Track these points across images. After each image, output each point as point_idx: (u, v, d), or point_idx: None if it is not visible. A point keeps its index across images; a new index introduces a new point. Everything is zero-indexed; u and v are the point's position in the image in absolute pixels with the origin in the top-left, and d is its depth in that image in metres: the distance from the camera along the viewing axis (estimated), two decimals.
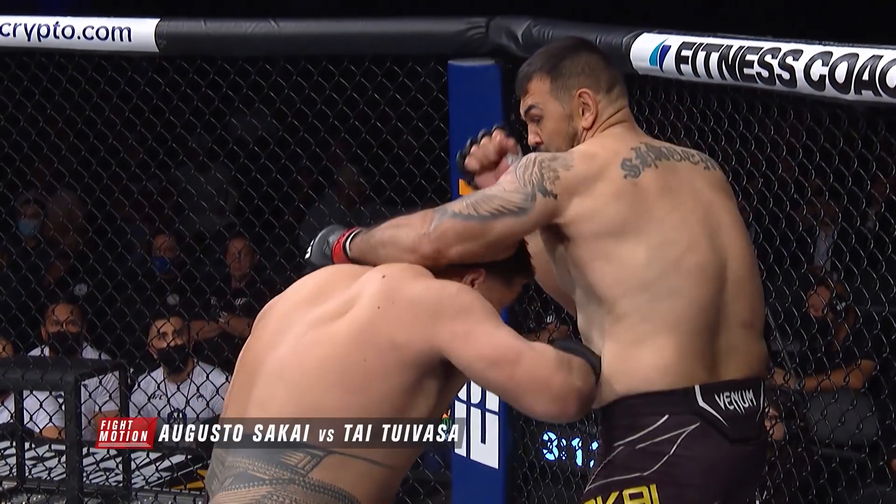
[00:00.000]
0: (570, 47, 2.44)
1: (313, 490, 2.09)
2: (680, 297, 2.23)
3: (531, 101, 2.41)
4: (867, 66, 2.40)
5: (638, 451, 2.22)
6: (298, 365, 2.14)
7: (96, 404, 4.70)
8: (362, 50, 3.80)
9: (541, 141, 2.41)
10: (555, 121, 2.39)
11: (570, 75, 2.39)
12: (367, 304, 2.16)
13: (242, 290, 5.51)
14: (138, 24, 3.90)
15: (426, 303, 2.15)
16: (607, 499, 2.23)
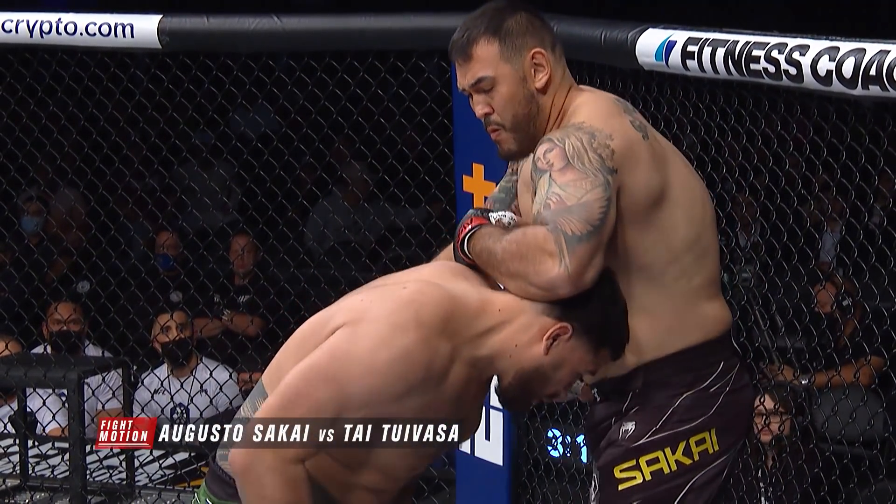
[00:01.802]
0: (506, 6, 2.30)
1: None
2: (711, 251, 2.31)
3: (480, 70, 2.25)
4: (874, 61, 2.37)
5: (698, 399, 2.28)
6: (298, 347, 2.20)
7: (99, 402, 4.69)
8: (366, 46, 3.78)
9: (491, 111, 2.27)
10: (509, 85, 2.26)
11: (517, 34, 2.26)
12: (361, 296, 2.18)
13: (246, 287, 5.50)
14: (141, 21, 3.88)
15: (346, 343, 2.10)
16: (676, 449, 2.27)
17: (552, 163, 2.17)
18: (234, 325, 5.45)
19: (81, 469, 4.03)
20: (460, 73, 2.27)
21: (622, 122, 2.22)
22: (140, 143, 4.66)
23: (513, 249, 2.14)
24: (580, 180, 2.14)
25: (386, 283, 2.24)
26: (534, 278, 2.12)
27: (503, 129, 2.27)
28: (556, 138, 2.19)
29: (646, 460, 2.27)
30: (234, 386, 4.84)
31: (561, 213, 2.13)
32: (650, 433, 2.27)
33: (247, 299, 5.44)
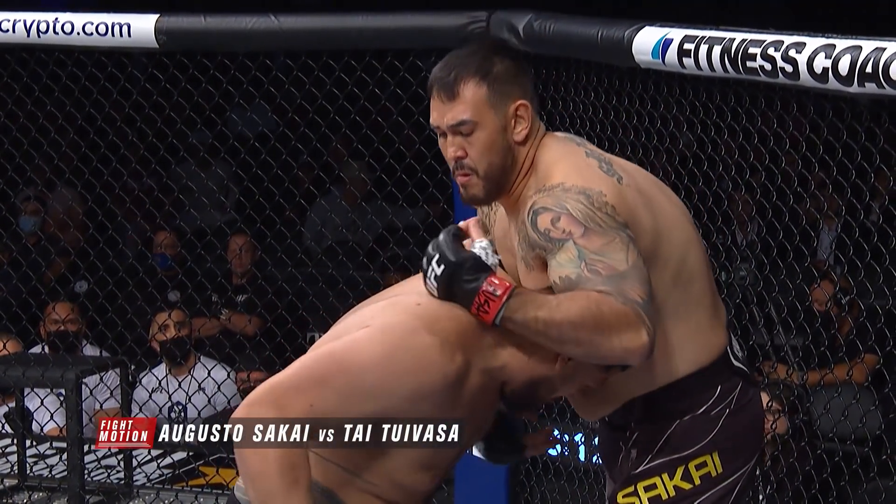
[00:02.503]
0: (494, 50, 2.26)
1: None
2: (698, 275, 2.26)
3: (464, 112, 2.19)
4: (870, 58, 2.38)
5: (696, 424, 2.27)
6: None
7: (97, 402, 4.69)
8: (363, 45, 3.79)
9: (465, 155, 2.21)
10: (490, 133, 2.20)
11: (504, 81, 2.20)
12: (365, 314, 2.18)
13: (244, 287, 5.50)
14: (138, 20, 3.89)
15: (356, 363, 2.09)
16: (674, 475, 2.26)
17: (569, 230, 2.13)
18: (232, 324, 5.45)
19: (79, 469, 4.03)
20: (440, 110, 2.21)
21: (598, 174, 2.20)
22: (137, 143, 4.65)
23: (587, 322, 2.08)
24: (611, 243, 2.12)
25: (397, 294, 2.23)
26: (618, 349, 2.09)
27: (475, 174, 2.22)
28: (552, 205, 2.15)
29: (643, 486, 2.27)
30: (233, 385, 4.84)
31: (618, 279, 2.10)
32: (647, 460, 2.27)
33: (245, 299, 5.44)
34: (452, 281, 2.12)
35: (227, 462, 4.38)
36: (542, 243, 2.16)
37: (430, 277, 2.14)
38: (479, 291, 2.10)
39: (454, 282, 2.12)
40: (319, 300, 4.67)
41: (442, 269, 2.12)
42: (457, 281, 2.12)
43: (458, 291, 2.12)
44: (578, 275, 2.11)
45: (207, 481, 4.31)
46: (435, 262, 2.13)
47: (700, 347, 2.27)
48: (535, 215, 2.17)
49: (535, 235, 2.16)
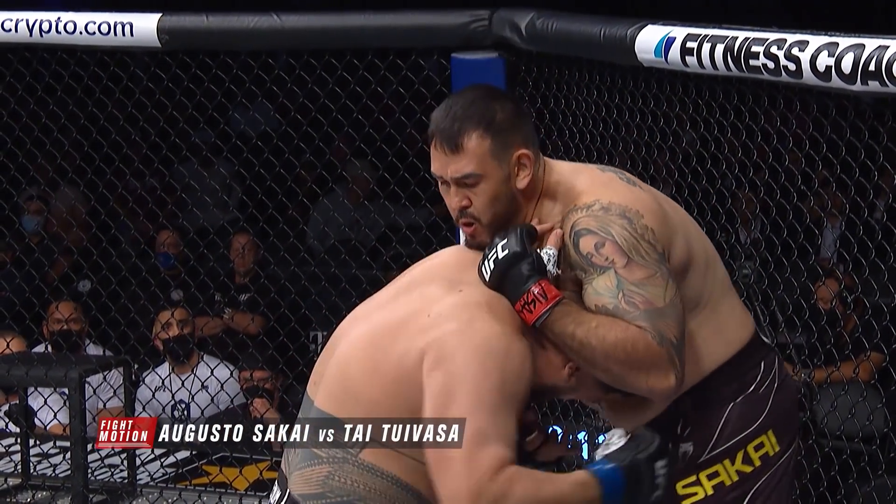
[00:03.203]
0: (494, 95, 2.24)
1: (367, 471, 2.08)
2: (713, 259, 2.32)
3: (468, 166, 2.18)
4: (873, 56, 2.37)
5: (748, 405, 2.29)
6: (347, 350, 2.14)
7: (100, 401, 4.69)
8: (365, 43, 3.78)
9: (469, 204, 2.21)
10: (494, 184, 2.20)
11: (506, 130, 2.19)
12: (420, 305, 2.11)
13: (246, 286, 5.50)
14: (140, 19, 3.89)
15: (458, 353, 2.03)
16: (735, 459, 2.28)
17: (612, 259, 2.16)
18: (235, 323, 5.45)
19: (83, 468, 4.03)
20: (442, 161, 2.20)
21: (626, 188, 2.22)
22: (140, 142, 4.66)
23: (619, 355, 2.11)
24: (652, 277, 2.15)
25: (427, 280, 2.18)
26: (644, 386, 2.13)
27: (479, 223, 2.22)
28: (596, 228, 2.17)
29: (706, 475, 2.28)
30: (236, 384, 4.84)
31: (656, 316, 2.13)
32: (708, 450, 2.28)
33: (247, 297, 5.44)
34: (508, 269, 2.12)
35: (229, 461, 4.38)
36: (581, 265, 2.18)
37: (489, 258, 2.14)
38: (529, 290, 2.11)
39: (509, 270, 2.12)
40: (322, 299, 4.66)
41: (504, 255, 2.12)
42: (513, 271, 2.12)
43: (510, 282, 2.12)
44: (615, 305, 2.14)
45: (211, 480, 4.31)
46: (500, 246, 2.14)
47: (738, 327, 2.31)
48: (577, 237, 2.19)
49: (576, 256, 2.18)
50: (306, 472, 2.12)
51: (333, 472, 2.08)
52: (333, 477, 2.08)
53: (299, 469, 2.13)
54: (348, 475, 2.08)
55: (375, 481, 2.08)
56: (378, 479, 2.08)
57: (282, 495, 2.16)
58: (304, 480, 2.12)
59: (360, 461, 2.08)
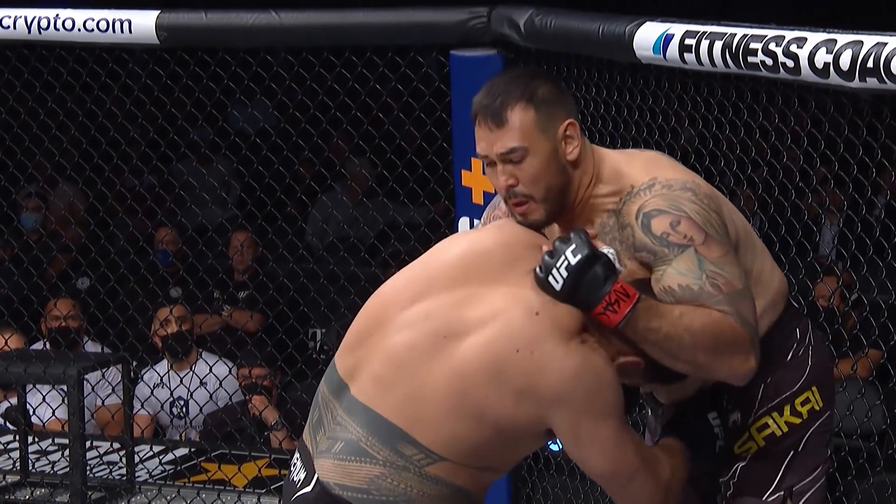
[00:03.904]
0: (534, 73, 2.25)
1: (428, 480, 2.06)
2: (751, 232, 2.32)
3: (514, 139, 2.14)
4: (871, 53, 2.37)
5: (789, 369, 2.31)
6: (423, 370, 2.07)
7: (99, 398, 4.69)
8: (364, 40, 3.78)
9: (516, 183, 2.17)
10: (542, 158, 2.16)
11: (550, 103, 2.16)
12: (506, 340, 2.04)
13: (245, 283, 5.50)
14: (139, 16, 3.89)
15: (562, 387, 2.03)
16: (783, 412, 2.30)
17: (690, 237, 2.12)
18: (234, 320, 5.45)
19: (81, 465, 4.03)
20: (487, 138, 2.16)
21: (674, 163, 2.22)
22: (138, 139, 4.65)
23: (706, 342, 2.10)
24: (727, 255, 2.13)
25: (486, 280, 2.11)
26: (726, 370, 2.13)
27: (532, 200, 2.17)
28: (667, 207, 2.14)
29: (756, 427, 2.31)
30: (234, 381, 4.84)
31: (737, 299, 2.12)
32: (753, 412, 2.30)
33: (246, 295, 5.44)
34: (584, 272, 2.05)
35: (228, 458, 4.38)
36: (654, 248, 2.14)
37: (558, 267, 2.06)
38: (611, 290, 2.06)
39: (586, 274, 2.05)
40: (321, 296, 4.66)
41: (577, 260, 2.05)
42: (589, 275, 2.06)
43: (587, 287, 2.06)
44: (700, 287, 2.11)
45: (209, 477, 4.31)
46: (570, 252, 2.06)
47: (777, 294, 2.32)
48: (647, 218, 2.15)
49: (648, 239, 2.14)
50: (351, 467, 2.06)
51: (387, 475, 2.05)
52: (385, 479, 2.05)
53: (340, 459, 2.07)
54: (404, 481, 2.05)
55: (433, 488, 2.06)
56: (437, 487, 2.07)
57: (307, 477, 2.10)
58: (347, 473, 2.06)
59: (425, 472, 2.06)
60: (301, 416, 4.52)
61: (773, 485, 2.30)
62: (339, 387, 2.12)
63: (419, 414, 2.05)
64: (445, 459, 2.05)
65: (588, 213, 2.22)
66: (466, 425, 2.05)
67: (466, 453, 2.06)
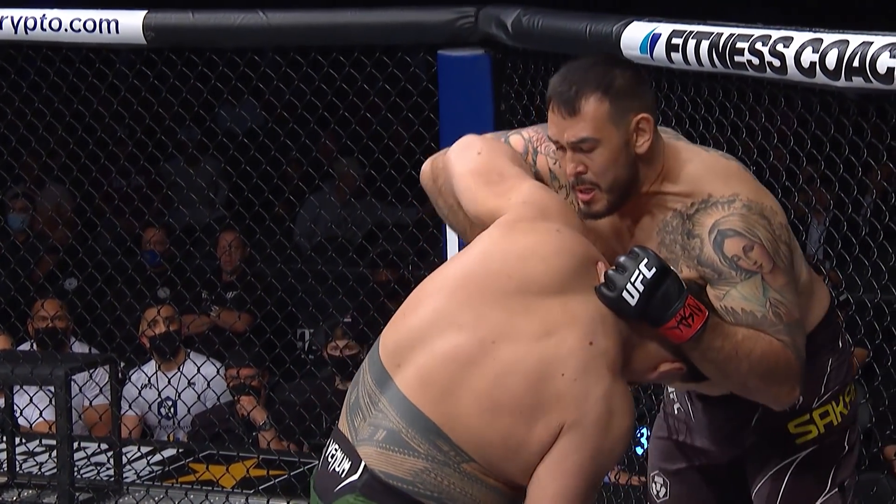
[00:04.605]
0: (613, 61, 2.22)
1: (468, 478, 2.06)
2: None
3: (585, 130, 2.14)
4: (857, 52, 2.38)
5: (840, 359, 2.38)
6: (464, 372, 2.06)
7: (86, 399, 4.68)
8: (351, 40, 3.78)
9: (585, 170, 2.16)
10: (612, 149, 2.15)
11: (625, 95, 2.15)
12: (556, 362, 2.04)
13: (233, 284, 5.50)
14: (126, 16, 3.88)
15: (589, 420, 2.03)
16: (839, 403, 2.36)
17: (761, 264, 2.14)
18: (222, 320, 5.44)
19: (69, 466, 4.02)
20: (559, 125, 2.16)
21: (752, 180, 2.21)
22: (126, 140, 4.64)
23: (762, 370, 2.13)
24: (788, 284, 2.16)
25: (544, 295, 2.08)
26: (771, 396, 2.17)
27: (598, 189, 2.17)
28: (743, 230, 2.14)
29: (819, 413, 2.34)
30: (222, 381, 4.84)
31: (795, 329, 2.16)
32: (818, 396, 2.34)
33: (234, 295, 5.43)
34: (659, 287, 2.05)
35: (217, 459, 4.37)
36: (721, 268, 2.14)
37: (633, 282, 2.05)
38: (685, 304, 2.06)
39: (660, 288, 2.05)
40: (309, 296, 4.66)
41: (653, 273, 2.05)
42: (662, 289, 2.06)
43: (661, 301, 2.06)
44: (763, 315, 2.13)
45: (197, 478, 4.30)
46: (643, 266, 2.05)
47: (825, 291, 2.38)
48: (721, 236, 2.15)
49: (717, 257, 2.15)
50: (395, 457, 2.06)
51: (430, 470, 2.05)
52: (429, 473, 2.05)
53: (383, 448, 2.06)
54: (446, 477, 2.05)
55: (473, 487, 2.06)
56: (476, 486, 2.06)
57: (353, 466, 2.08)
58: (392, 463, 2.06)
59: (463, 470, 2.06)
60: (289, 416, 4.52)
61: (829, 482, 2.36)
62: (383, 375, 2.11)
63: (453, 413, 2.05)
64: (475, 461, 2.06)
65: (650, 207, 2.22)
66: (495, 432, 2.05)
67: (492, 460, 2.06)
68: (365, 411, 2.10)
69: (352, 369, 4.71)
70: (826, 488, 2.35)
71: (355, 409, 2.11)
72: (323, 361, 4.95)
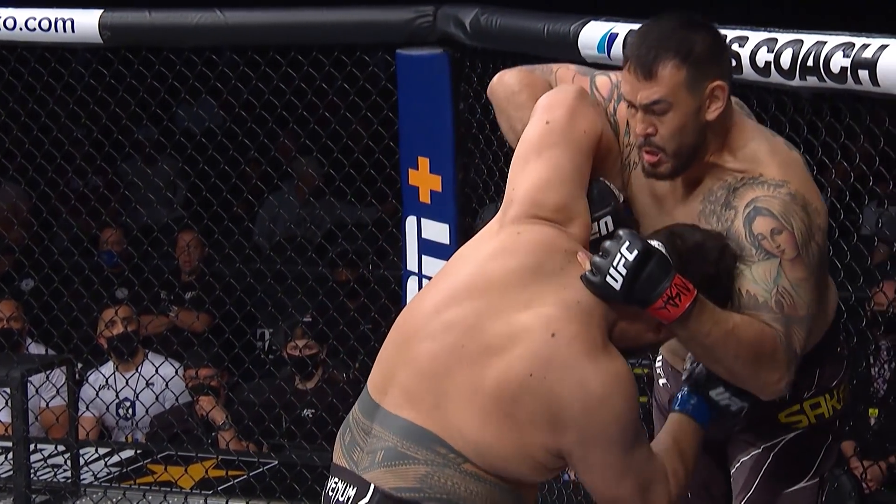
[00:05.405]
0: (695, 25, 2.17)
1: (470, 477, 2.07)
2: None
3: (660, 93, 2.13)
4: (811, 52, 2.41)
5: (841, 356, 2.38)
6: (446, 380, 2.08)
7: (43, 400, 4.64)
8: (310, 39, 3.78)
9: (654, 132, 2.16)
10: (684, 115, 2.14)
11: (703, 62, 2.13)
12: (521, 363, 2.04)
13: (192, 284, 5.47)
14: (82, 15, 3.85)
15: (574, 411, 2.04)
16: (832, 396, 2.36)
17: (784, 249, 2.13)
18: (181, 321, 5.41)
19: (25, 468, 4.00)
20: (634, 86, 2.15)
21: (809, 178, 2.20)
22: (82, 139, 4.61)
23: (748, 356, 2.11)
24: (807, 280, 2.13)
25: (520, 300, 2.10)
26: (755, 383, 2.15)
27: (664, 153, 2.17)
28: (778, 213, 2.13)
29: (809, 405, 2.34)
30: (181, 382, 4.81)
31: (793, 322, 2.13)
32: (808, 391, 2.34)
33: (193, 295, 5.41)
34: (642, 268, 2.04)
35: (175, 460, 4.35)
36: (744, 243, 2.14)
37: (616, 266, 2.04)
38: (671, 284, 2.04)
39: (644, 269, 2.04)
40: (268, 296, 4.65)
41: (635, 255, 2.03)
42: (648, 269, 2.04)
43: (645, 283, 2.04)
44: (766, 301, 2.12)
45: (155, 479, 4.28)
46: (625, 249, 2.04)
47: (834, 295, 2.38)
48: (755, 212, 2.14)
49: (744, 231, 2.14)
50: (398, 470, 2.08)
51: (432, 473, 2.07)
52: (432, 476, 2.07)
53: (386, 466, 2.09)
54: (450, 478, 2.07)
55: (477, 485, 2.08)
56: (480, 484, 2.08)
57: (359, 491, 2.10)
58: (398, 476, 2.08)
59: (464, 469, 2.07)
60: (249, 416, 4.50)
61: (813, 469, 2.35)
62: (371, 406, 2.15)
63: (446, 419, 2.07)
64: (473, 462, 2.07)
65: (704, 177, 2.21)
66: (489, 435, 2.06)
67: (491, 461, 2.07)
68: (361, 444, 2.13)
69: (311, 369, 4.71)
70: (808, 475, 2.35)
71: (352, 447, 2.15)
72: (282, 361, 4.93)
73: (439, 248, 3.58)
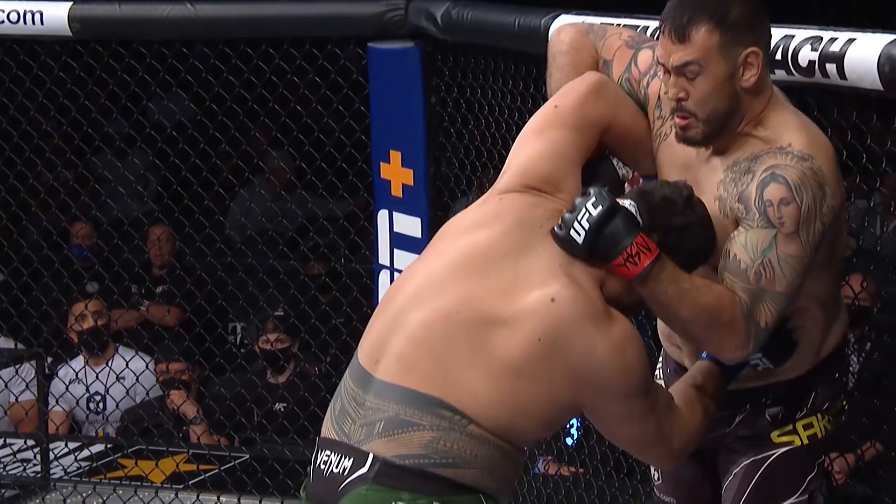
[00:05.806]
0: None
1: (476, 439, 2.08)
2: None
3: (692, 55, 2.12)
4: (779, 45, 2.43)
5: (840, 380, 2.40)
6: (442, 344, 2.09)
7: (12, 394, 4.62)
8: (281, 33, 3.77)
9: (686, 97, 2.16)
10: (716, 79, 2.14)
11: (739, 27, 2.13)
12: (528, 333, 2.06)
13: (162, 278, 5.45)
14: (51, 7, 3.83)
15: (589, 372, 2.08)
16: (825, 416, 2.37)
17: (784, 222, 2.12)
18: (151, 315, 5.39)
19: None
20: (667, 49, 2.15)
21: (836, 166, 2.19)
22: (52, 133, 4.58)
23: (703, 320, 2.12)
24: (798, 259, 2.13)
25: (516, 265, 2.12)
26: (712, 350, 2.18)
27: (695, 118, 2.17)
28: (794, 183, 2.12)
29: (802, 425, 2.35)
30: (152, 376, 4.80)
31: (766, 295, 2.12)
32: (801, 411, 2.35)
33: (164, 289, 5.39)
34: (605, 224, 2.06)
35: (146, 454, 4.34)
36: (751, 206, 2.14)
37: (580, 220, 2.07)
38: (632, 242, 2.07)
39: (605, 227, 2.06)
40: (239, 290, 4.64)
41: (598, 212, 2.05)
42: (609, 227, 2.06)
43: (607, 239, 2.07)
44: (746, 268, 2.13)
45: (126, 474, 4.27)
46: (590, 205, 2.07)
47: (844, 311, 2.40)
48: (771, 179, 2.14)
49: (755, 195, 2.14)
50: (401, 438, 2.07)
51: (438, 438, 2.06)
52: (439, 441, 2.07)
53: (387, 436, 2.07)
54: (455, 441, 2.07)
55: (481, 447, 2.08)
56: (484, 446, 2.08)
57: (356, 462, 2.08)
58: (402, 444, 2.07)
59: (470, 431, 2.08)
60: (220, 410, 4.49)
61: (803, 486, 2.35)
62: (363, 375, 2.13)
63: (448, 382, 2.07)
64: (479, 423, 2.08)
65: (735, 147, 2.21)
66: (500, 393, 2.08)
67: (498, 420, 2.08)
68: (353, 415, 2.12)
69: (282, 362, 4.70)
70: (798, 492, 2.35)
71: (343, 417, 2.13)
72: (254, 355, 4.93)
73: (411, 241, 3.58)
